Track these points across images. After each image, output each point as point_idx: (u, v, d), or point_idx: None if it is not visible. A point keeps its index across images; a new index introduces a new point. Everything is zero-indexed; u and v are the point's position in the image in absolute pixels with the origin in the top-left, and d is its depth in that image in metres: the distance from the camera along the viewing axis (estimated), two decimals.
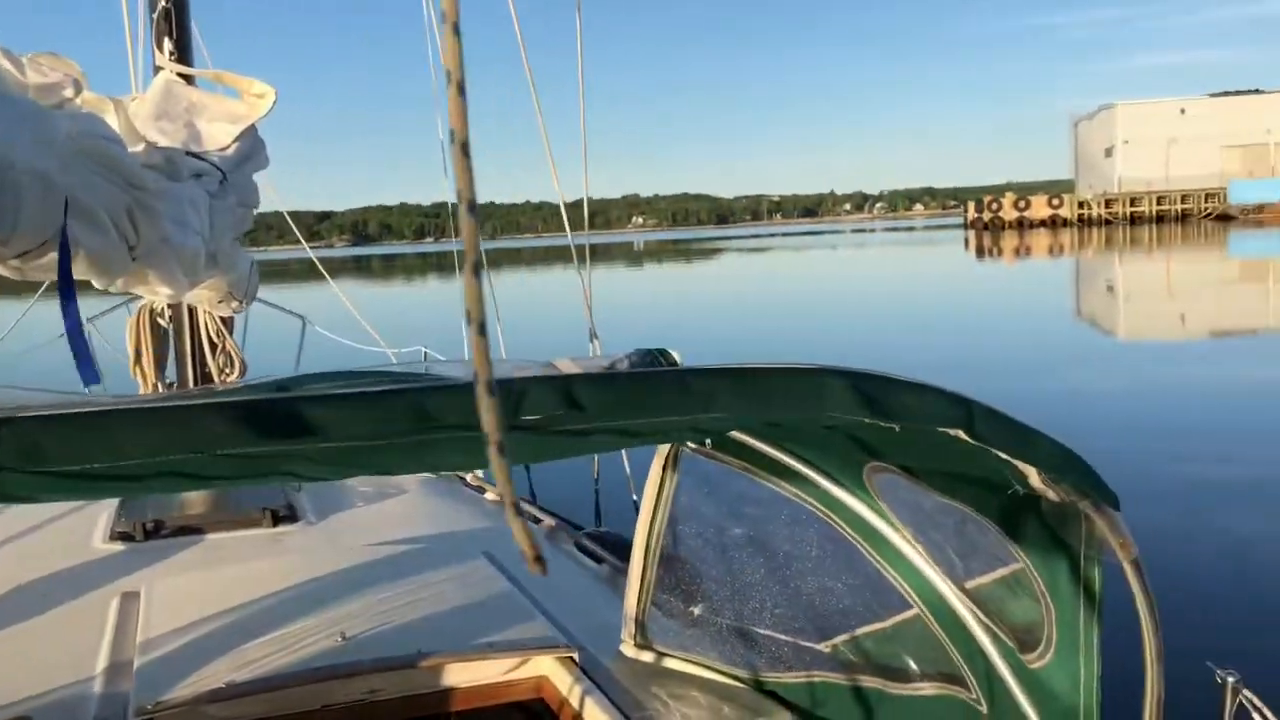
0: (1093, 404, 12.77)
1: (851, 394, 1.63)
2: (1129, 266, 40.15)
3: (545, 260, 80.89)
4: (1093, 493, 1.88)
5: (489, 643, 2.96)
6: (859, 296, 33.09)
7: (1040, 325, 21.66)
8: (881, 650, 2.53)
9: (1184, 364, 15.88)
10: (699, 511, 2.90)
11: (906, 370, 1.71)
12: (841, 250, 76.67)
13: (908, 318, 23.96)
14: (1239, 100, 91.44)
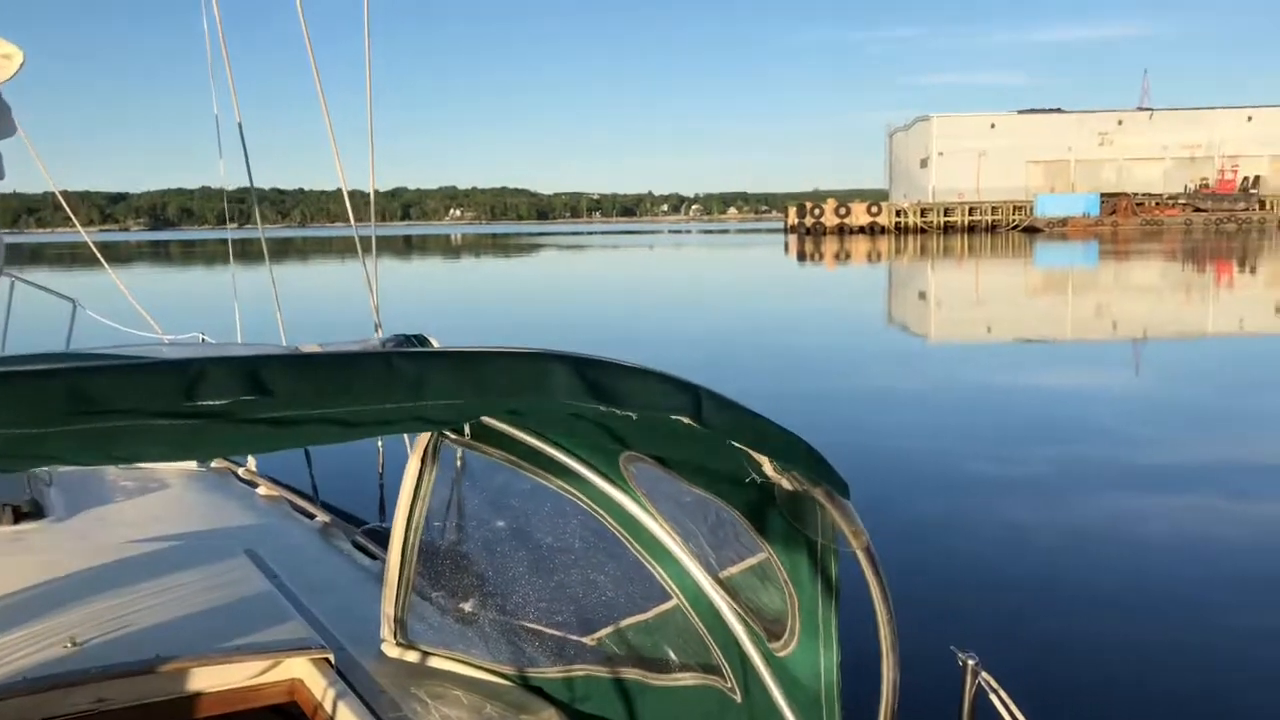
0: (891, 403, 13.07)
1: (573, 379, 1.63)
2: (941, 274, 41.40)
3: (353, 250, 76.78)
4: (824, 482, 1.91)
5: (237, 645, 2.84)
6: (682, 297, 32.74)
7: (849, 328, 22.37)
8: (643, 642, 2.53)
9: (984, 368, 16.40)
10: (461, 505, 2.80)
11: (721, 370, 1.77)
12: (661, 250, 77.46)
13: (721, 321, 23.89)
14: (1043, 118, 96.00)
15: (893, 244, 69.54)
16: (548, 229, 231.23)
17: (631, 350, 9.53)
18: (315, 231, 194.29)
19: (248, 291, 6.94)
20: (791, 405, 12.44)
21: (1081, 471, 9.44)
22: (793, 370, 15.83)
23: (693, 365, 15.69)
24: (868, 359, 17.50)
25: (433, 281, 44.16)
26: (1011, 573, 6.86)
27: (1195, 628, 5.91)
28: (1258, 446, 10.37)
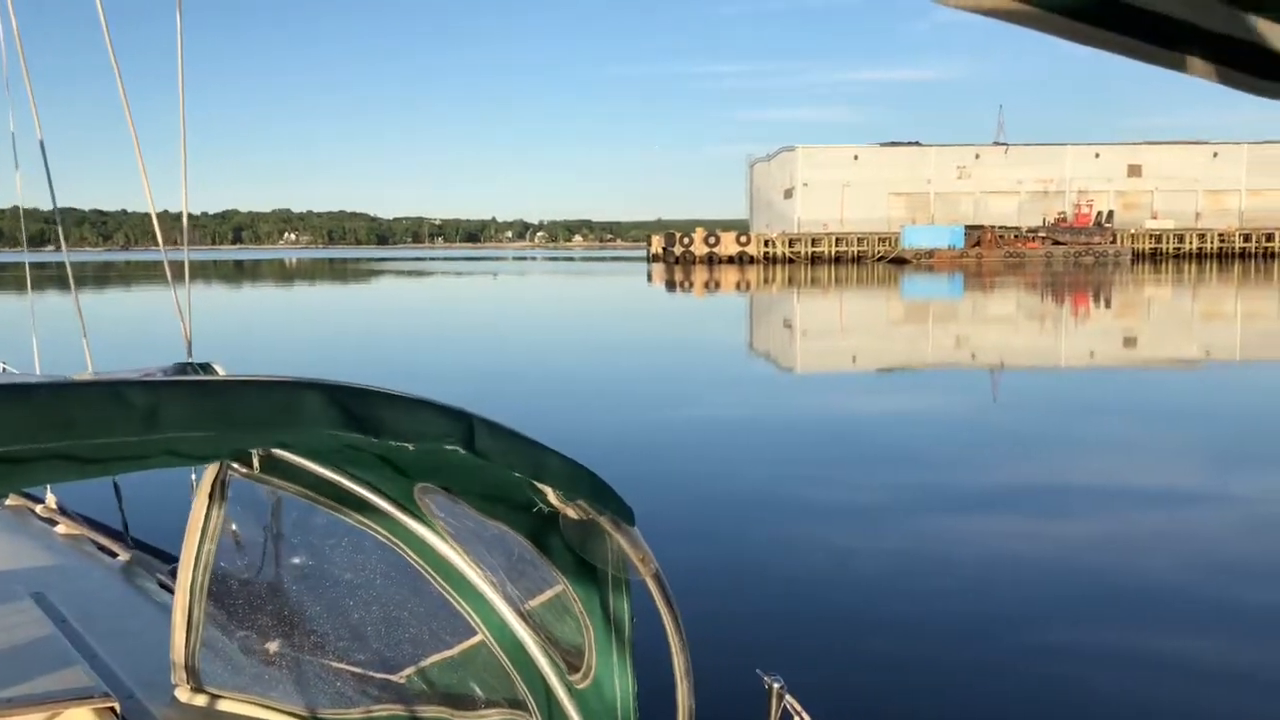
0: (738, 430, 13.15)
1: (329, 409, 1.59)
2: (809, 303, 42.27)
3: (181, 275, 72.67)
4: (609, 510, 1.92)
5: (10, 697, 2.69)
6: (547, 325, 32.76)
7: (709, 357, 22.28)
8: (449, 679, 2.49)
9: (838, 395, 16.75)
10: (254, 540, 2.69)
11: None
12: (516, 279, 77.09)
13: (581, 350, 24.00)
14: (905, 151, 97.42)
15: (762, 273, 69.48)
16: (388, 254, 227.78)
17: (473, 383, 15.79)
18: (134, 255, 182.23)
19: (59, 319, 6.57)
20: (632, 434, 12.52)
21: (907, 497, 9.56)
22: (642, 397, 15.67)
23: (545, 393, 15.82)
24: (723, 386, 17.52)
25: (258, 308, 42.87)
26: (826, 596, 6.89)
27: (1001, 648, 5.99)
28: (1083, 471, 10.62)
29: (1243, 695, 5.34)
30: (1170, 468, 10.89)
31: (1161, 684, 5.55)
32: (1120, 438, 12.62)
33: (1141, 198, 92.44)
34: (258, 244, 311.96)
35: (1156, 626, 6.35)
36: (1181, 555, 7.84)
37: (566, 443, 1.94)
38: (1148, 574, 7.36)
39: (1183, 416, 14.25)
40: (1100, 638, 6.10)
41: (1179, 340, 25.59)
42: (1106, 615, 6.50)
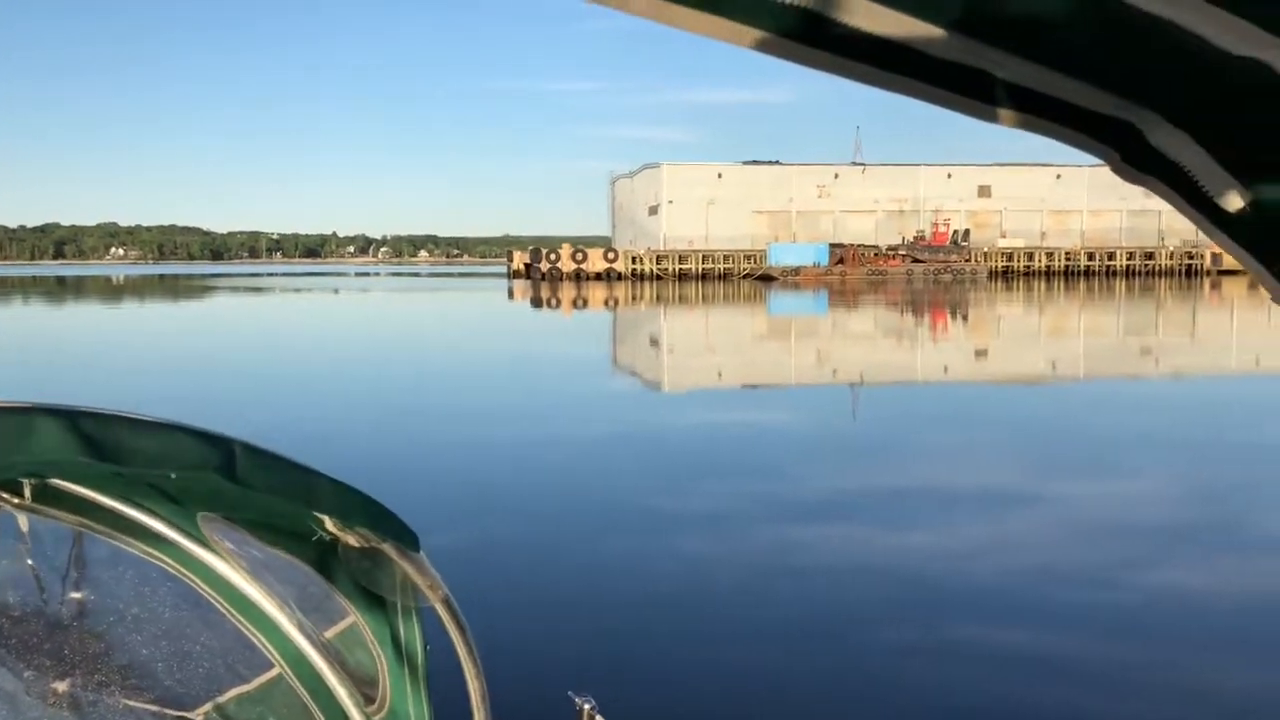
0: (598, 447, 13.09)
1: (66, 435, 1.55)
2: (677, 320, 42.62)
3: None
4: (390, 537, 1.88)
5: None
6: (380, 343, 31.76)
7: (567, 375, 22.07)
8: (248, 714, 2.43)
9: (709, 411, 16.70)
10: (29, 576, 2.51)
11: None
12: (352, 295, 75.48)
13: (440, 365, 23.81)
14: (767, 169, 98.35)
15: (630, 290, 69.47)
16: (223, 270, 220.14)
17: (299, 406, 16.68)
18: None
19: None
20: (479, 454, 12.41)
21: (754, 510, 9.56)
22: (493, 415, 15.51)
23: (391, 412, 15.59)
24: (582, 403, 17.43)
25: (51, 328, 40.68)
26: (655, 612, 6.81)
27: (838, 655, 6.04)
28: (925, 480, 10.86)
29: (1063, 687, 5.52)
30: (1008, 476, 11.28)
31: (993, 680, 5.70)
32: (965, 448, 13.03)
33: (991, 217, 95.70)
34: (82, 259, 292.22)
35: (989, 626, 6.55)
36: (1013, 559, 8.08)
37: (402, 465, 1.78)
38: (981, 576, 7.58)
39: (1025, 428, 14.69)
40: (934, 639, 6.24)
41: (1029, 355, 26.59)
42: (938, 617, 6.64)
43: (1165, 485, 10.78)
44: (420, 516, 2.00)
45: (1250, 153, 1.04)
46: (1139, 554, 8.13)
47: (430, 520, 10.98)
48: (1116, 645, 6.14)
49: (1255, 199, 1.07)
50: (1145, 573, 7.67)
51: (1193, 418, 15.32)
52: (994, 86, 0.95)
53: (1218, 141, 1.04)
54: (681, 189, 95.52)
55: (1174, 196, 1.15)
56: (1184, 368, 22.88)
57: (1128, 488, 10.57)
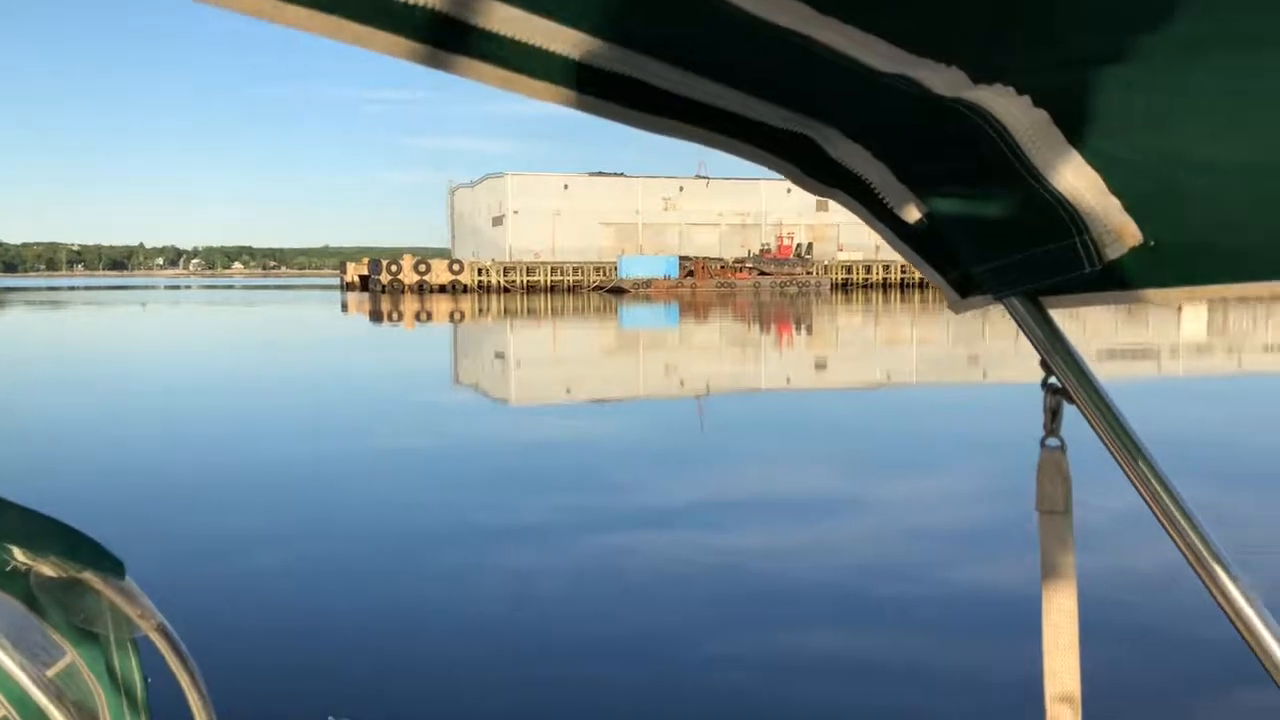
0: (429, 462, 12.90)
1: None
2: (525, 334, 42.34)
3: None
4: (91, 565, 1.82)
5: None
6: (191, 359, 29.34)
7: (404, 391, 21.49)
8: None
9: (551, 424, 16.71)
10: None
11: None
12: (161, 308, 71.47)
13: (271, 383, 22.36)
14: (614, 181, 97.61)
15: (476, 303, 68.12)
16: (17, 283, 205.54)
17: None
18: None
19: None
20: (288, 471, 12.20)
21: (583, 520, 9.64)
22: (316, 432, 15.21)
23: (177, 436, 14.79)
24: (423, 419, 16.99)
25: None
26: (441, 632, 6.75)
27: (663, 664, 6.10)
28: (758, 486, 11.20)
29: (883, 686, 5.75)
30: (837, 481, 11.64)
31: (818, 680, 5.85)
32: (801, 455, 13.48)
33: (829, 231, 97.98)
34: None
35: (812, 627, 6.75)
36: (842, 560, 8.38)
37: (198, 487, 1.78)
38: (804, 577, 7.86)
39: (865, 434, 15.23)
40: (760, 642, 6.43)
41: (866, 364, 27.76)
42: (764, 620, 6.83)
43: (980, 484, 11.22)
44: (211, 540, 2.58)
45: (920, 165, 1.08)
46: (955, 553, 8.51)
47: (222, 542, 8.75)
48: (940, 643, 6.47)
49: (929, 210, 1.11)
50: (970, 569, 8.04)
51: (1010, 422, 15.70)
52: (665, 100, 0.95)
53: (891, 155, 1.07)
54: (527, 199, 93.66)
55: (859, 208, 1.19)
56: (1006, 376, 24.03)
57: (945, 487, 11.13)
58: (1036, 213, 1.03)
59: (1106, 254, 1.03)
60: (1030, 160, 0.98)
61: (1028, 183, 1.00)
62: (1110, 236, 1.02)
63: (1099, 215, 1.01)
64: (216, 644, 5.98)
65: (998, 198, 1.05)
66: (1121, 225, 1.01)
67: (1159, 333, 37.47)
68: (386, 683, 5.81)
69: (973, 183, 1.06)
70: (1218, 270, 1.05)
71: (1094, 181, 0.99)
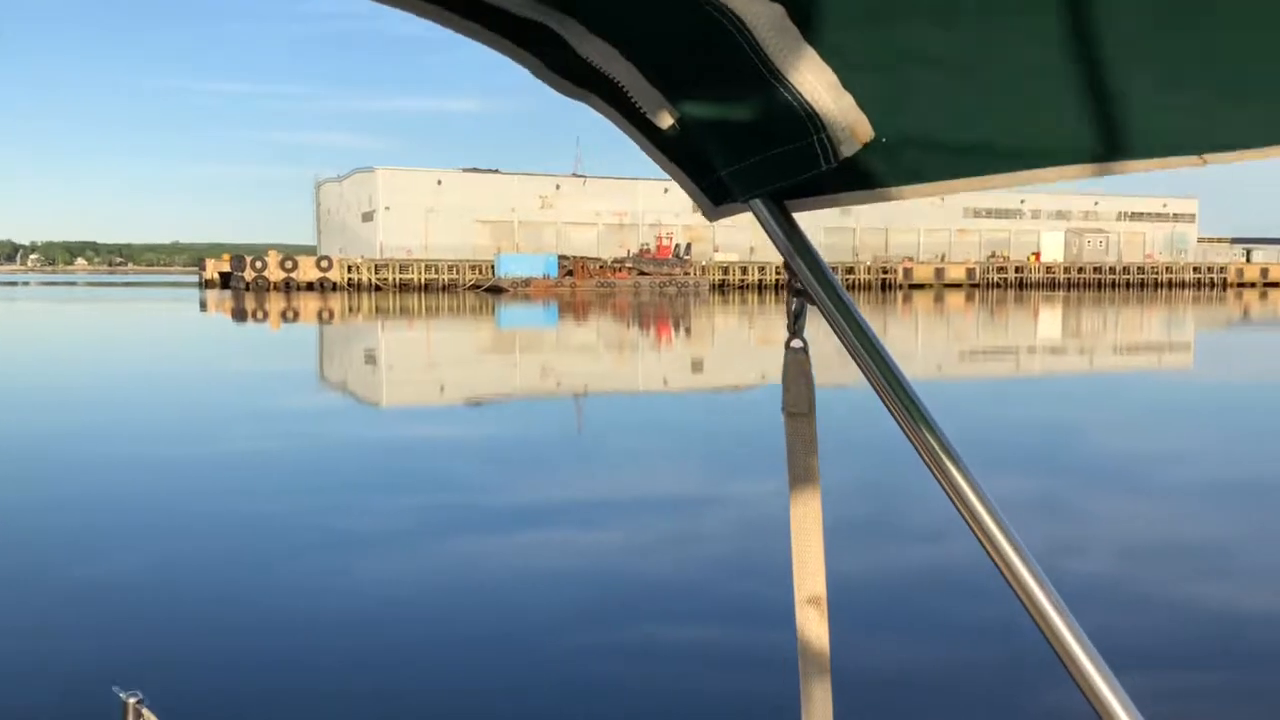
0: (279, 465, 12.63)
1: None
2: (399, 334, 41.67)
3: None
4: None
5: None
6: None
7: (260, 392, 21.00)
8: None
9: (417, 426, 16.67)
10: None
11: None
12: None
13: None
14: (489, 178, 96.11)
15: (346, 301, 66.12)
16: None
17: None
18: None
19: None
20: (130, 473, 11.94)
21: (437, 520, 9.64)
22: (163, 436, 14.68)
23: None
24: (275, 422, 16.61)
25: None
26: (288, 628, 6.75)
27: (519, 660, 6.10)
28: (623, 483, 11.46)
29: (738, 675, 5.93)
30: (704, 478, 11.98)
31: (675, 671, 6.00)
32: (670, 452, 13.76)
33: (705, 231, 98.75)
34: None
35: (670, 621, 6.87)
36: (697, 555, 8.55)
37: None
38: (664, 573, 7.99)
39: (737, 435, 15.25)
40: (618, 638, 6.52)
41: (738, 365, 28.32)
42: (623, 616, 6.92)
43: (848, 480, 11.52)
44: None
45: (667, 66, 1.07)
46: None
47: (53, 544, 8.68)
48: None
49: (680, 115, 1.10)
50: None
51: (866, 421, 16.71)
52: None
53: (639, 54, 1.06)
54: (399, 195, 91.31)
55: (612, 113, 1.17)
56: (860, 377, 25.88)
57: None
58: (777, 112, 1.03)
59: (841, 151, 1.03)
60: (769, 58, 0.99)
61: (768, 82, 1.01)
62: (845, 134, 1.02)
63: (834, 113, 1.02)
64: (54, 658, 5.89)
65: (742, 98, 1.04)
66: (855, 122, 1.02)
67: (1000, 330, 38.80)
68: (241, 694, 5.63)
69: (718, 84, 1.05)
70: (948, 166, 1.06)
71: (829, 79, 1.00)
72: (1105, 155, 0.96)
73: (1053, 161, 0.99)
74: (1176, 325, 46.43)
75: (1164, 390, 22.20)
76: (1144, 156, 0.95)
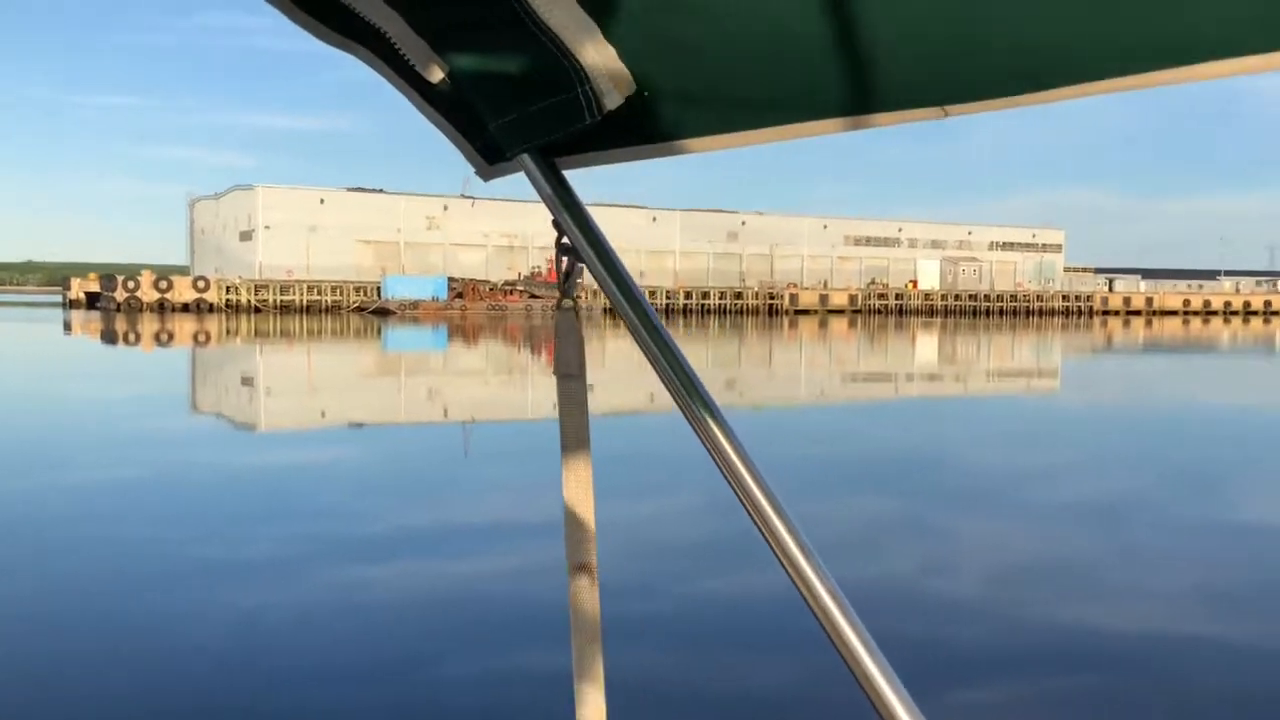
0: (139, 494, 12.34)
1: None
2: (278, 357, 41.14)
3: None
4: None
5: None
6: None
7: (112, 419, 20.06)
8: None
9: (289, 453, 16.44)
10: None
11: None
12: None
13: None
14: (374, 197, 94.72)
15: (224, 324, 64.15)
16: None
17: None
18: None
19: None
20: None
21: (301, 551, 9.61)
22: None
23: None
24: (130, 448, 16.13)
25: None
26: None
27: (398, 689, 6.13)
28: (491, 509, 11.59)
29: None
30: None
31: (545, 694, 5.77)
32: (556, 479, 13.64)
33: None
34: None
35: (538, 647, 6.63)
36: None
37: None
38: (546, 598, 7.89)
39: (618, 458, 15.32)
40: (490, 667, 6.50)
41: (626, 389, 28.66)
42: (498, 641, 6.95)
43: (697, 503, 11.84)
44: None
45: (433, 15, 1.05)
46: (684, 567, 8.89)
47: None
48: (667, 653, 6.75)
49: (450, 68, 1.09)
50: (685, 585, 8.34)
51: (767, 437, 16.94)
52: None
53: (407, 3, 1.04)
54: (279, 214, 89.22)
55: (384, 68, 1.15)
56: (762, 398, 25.52)
57: (683, 508, 11.37)
58: (542, 64, 1.02)
59: (605, 104, 1.03)
60: (533, 9, 0.98)
61: (531, 33, 1.00)
62: (607, 86, 1.02)
63: (597, 65, 1.01)
64: None
65: (507, 50, 1.04)
66: (617, 74, 1.01)
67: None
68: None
69: (484, 35, 1.04)
70: (710, 120, 1.06)
71: (591, 30, 0.99)
72: (855, 108, 0.97)
73: (807, 115, 1.00)
74: (1045, 351, 48.68)
75: (1032, 412, 23.10)
76: (890, 109, 0.96)
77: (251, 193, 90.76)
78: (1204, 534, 10.39)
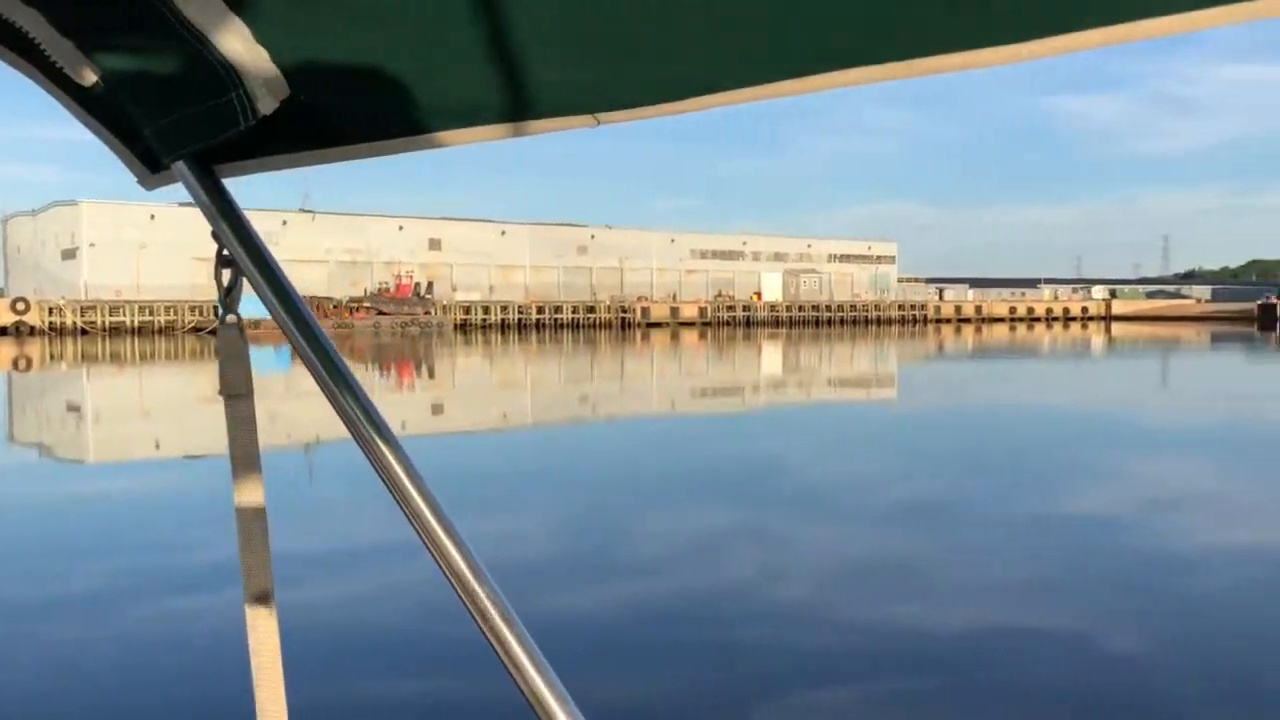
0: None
1: None
2: (106, 381, 39.56)
3: None
4: None
5: None
6: None
7: None
8: None
9: (118, 484, 16.22)
10: None
11: None
12: None
13: None
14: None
15: (47, 348, 60.67)
16: None
17: None
18: None
19: None
20: None
21: (94, 589, 9.33)
22: None
23: None
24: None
25: None
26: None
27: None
28: (348, 536, 11.56)
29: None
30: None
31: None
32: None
33: (442, 270, 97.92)
34: None
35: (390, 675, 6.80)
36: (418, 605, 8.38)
37: None
38: (387, 625, 7.92)
39: (480, 476, 15.52)
40: (333, 694, 6.49)
41: (480, 406, 28.64)
42: (338, 672, 6.91)
43: (560, 520, 11.91)
44: None
45: (82, 17, 0.99)
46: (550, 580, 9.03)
47: None
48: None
49: (103, 71, 1.03)
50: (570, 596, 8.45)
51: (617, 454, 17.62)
52: None
53: (53, 5, 0.97)
54: (106, 231, 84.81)
55: (29, 69, 1.07)
56: (615, 413, 26.13)
57: (547, 524, 11.68)
58: (194, 67, 0.97)
59: (259, 109, 0.99)
60: (180, 9, 0.94)
61: (180, 34, 0.95)
62: (261, 90, 0.98)
63: (250, 68, 0.97)
64: None
65: (157, 52, 0.98)
66: (270, 78, 0.98)
67: None
68: None
69: (133, 36, 0.98)
70: (367, 127, 1.03)
71: (242, 32, 0.95)
72: (512, 115, 0.96)
73: (465, 122, 0.99)
74: (882, 359, 50.92)
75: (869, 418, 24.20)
76: (545, 116, 0.95)
77: (75, 209, 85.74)
78: (1031, 529, 11.06)
